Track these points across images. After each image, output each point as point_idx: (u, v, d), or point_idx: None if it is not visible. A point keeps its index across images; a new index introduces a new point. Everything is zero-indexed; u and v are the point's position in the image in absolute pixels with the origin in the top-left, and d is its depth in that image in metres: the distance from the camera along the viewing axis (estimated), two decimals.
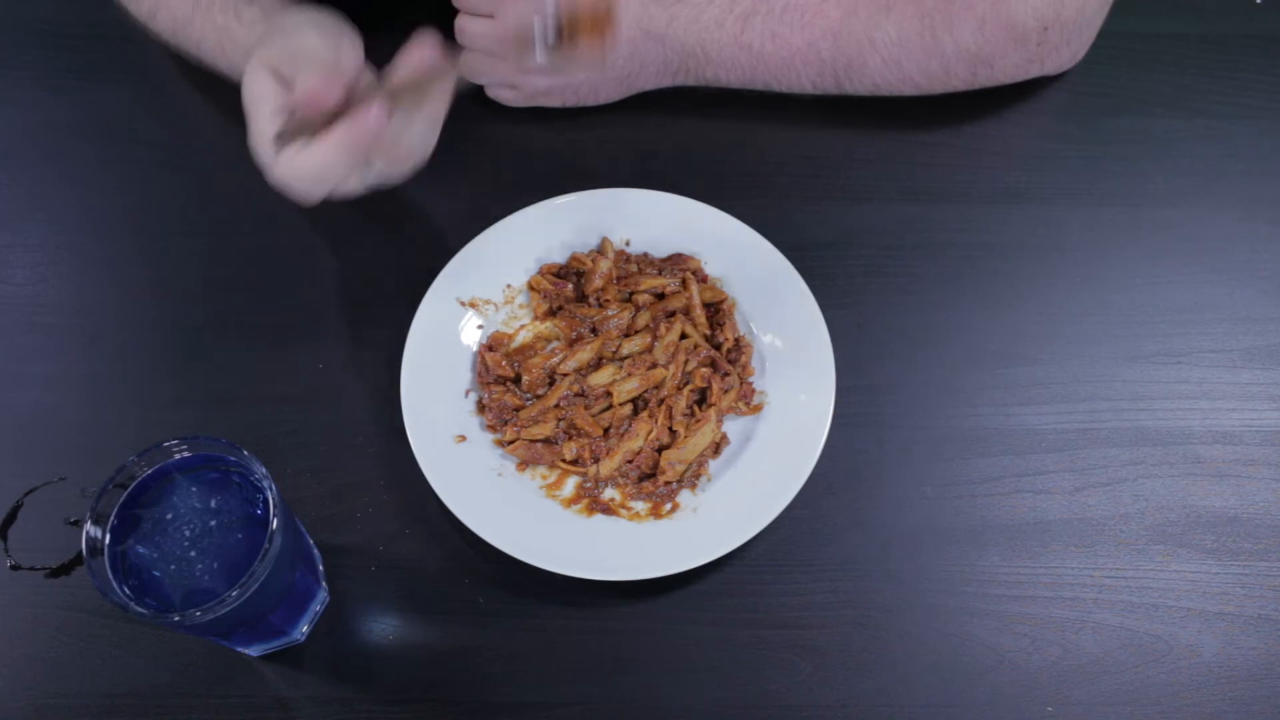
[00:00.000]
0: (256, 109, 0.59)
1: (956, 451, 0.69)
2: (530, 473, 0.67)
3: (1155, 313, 0.74)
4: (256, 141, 0.59)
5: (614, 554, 0.63)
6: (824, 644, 0.63)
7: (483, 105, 0.81)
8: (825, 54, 0.76)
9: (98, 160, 0.80)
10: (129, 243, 0.76)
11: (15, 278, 0.75)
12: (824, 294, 0.70)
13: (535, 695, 0.61)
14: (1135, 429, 0.70)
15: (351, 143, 0.56)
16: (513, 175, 0.79)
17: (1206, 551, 0.66)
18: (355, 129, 0.56)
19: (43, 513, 0.65)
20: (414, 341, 0.69)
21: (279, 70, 0.59)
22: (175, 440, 0.54)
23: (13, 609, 0.63)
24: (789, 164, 0.80)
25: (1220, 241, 0.77)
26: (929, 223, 0.77)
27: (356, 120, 0.56)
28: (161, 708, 0.61)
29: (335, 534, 0.66)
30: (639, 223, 0.75)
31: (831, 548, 0.66)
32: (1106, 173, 0.80)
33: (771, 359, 0.70)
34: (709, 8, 0.76)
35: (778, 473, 0.65)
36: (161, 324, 0.73)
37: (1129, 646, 0.63)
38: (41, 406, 0.70)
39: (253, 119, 0.59)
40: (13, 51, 0.84)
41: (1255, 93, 0.84)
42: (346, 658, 0.63)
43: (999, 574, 0.65)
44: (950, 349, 0.73)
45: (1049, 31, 0.75)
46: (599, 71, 0.69)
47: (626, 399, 0.68)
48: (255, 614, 0.55)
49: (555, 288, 0.72)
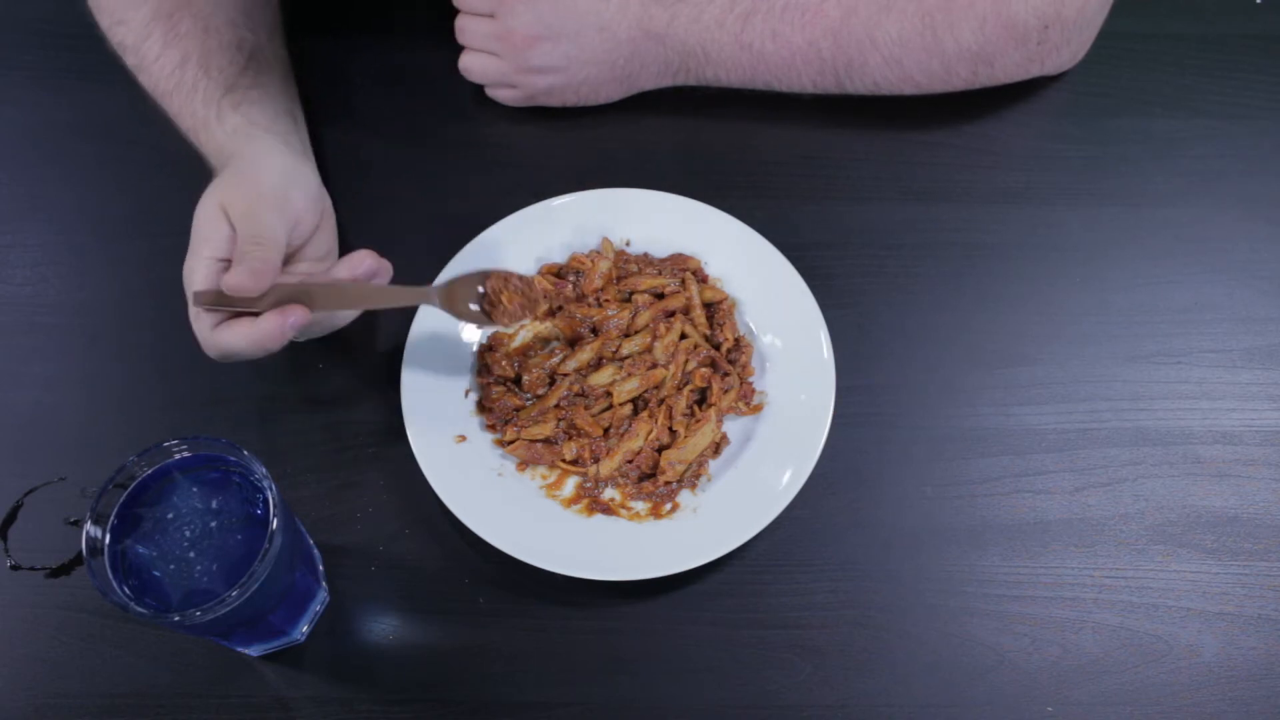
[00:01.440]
0: (198, 247, 0.62)
1: (956, 451, 0.69)
2: (530, 473, 0.67)
3: (1155, 313, 0.74)
4: (186, 275, 0.62)
5: (614, 554, 0.63)
6: (824, 644, 0.63)
7: (483, 105, 0.81)
8: (826, 53, 0.76)
9: (98, 160, 0.80)
10: (129, 243, 0.76)
11: (15, 278, 0.75)
12: (824, 294, 0.70)
13: (535, 695, 0.61)
14: (1135, 429, 0.70)
15: (263, 339, 0.59)
16: (513, 175, 0.79)
17: (1206, 551, 0.66)
18: (270, 330, 0.59)
19: (43, 513, 0.65)
20: (414, 341, 0.69)
21: (230, 217, 0.62)
22: (175, 440, 0.54)
23: (13, 609, 0.63)
24: (789, 164, 0.80)
25: (1220, 241, 0.77)
26: (929, 223, 0.77)
27: (272, 322, 0.59)
28: (161, 708, 0.61)
29: (335, 534, 0.66)
30: (639, 223, 0.75)
31: (831, 548, 0.66)
32: (1106, 173, 0.80)
33: (771, 359, 0.70)
34: (709, 7, 0.76)
35: (778, 473, 0.65)
36: (161, 324, 0.73)
37: (1129, 646, 0.63)
38: (41, 406, 0.70)
39: (192, 252, 0.62)
40: (13, 51, 0.84)
41: (1255, 93, 0.84)
42: (346, 658, 0.63)
43: (999, 574, 0.65)
44: (950, 349, 0.73)
45: (1049, 30, 0.75)
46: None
47: (626, 399, 0.68)
48: (255, 614, 0.55)
49: (555, 288, 0.72)
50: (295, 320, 0.59)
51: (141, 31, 0.72)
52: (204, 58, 0.72)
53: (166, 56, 0.72)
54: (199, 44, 0.72)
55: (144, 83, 0.74)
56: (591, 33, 0.75)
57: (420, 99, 0.82)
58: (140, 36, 0.72)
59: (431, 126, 0.81)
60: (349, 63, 0.83)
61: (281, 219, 0.63)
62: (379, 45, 0.84)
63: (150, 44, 0.72)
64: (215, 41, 0.72)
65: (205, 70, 0.71)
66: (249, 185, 0.64)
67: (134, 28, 0.72)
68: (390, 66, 0.84)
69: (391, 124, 0.81)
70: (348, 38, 0.84)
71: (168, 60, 0.72)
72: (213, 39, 0.72)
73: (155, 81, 0.73)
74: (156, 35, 0.72)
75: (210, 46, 0.72)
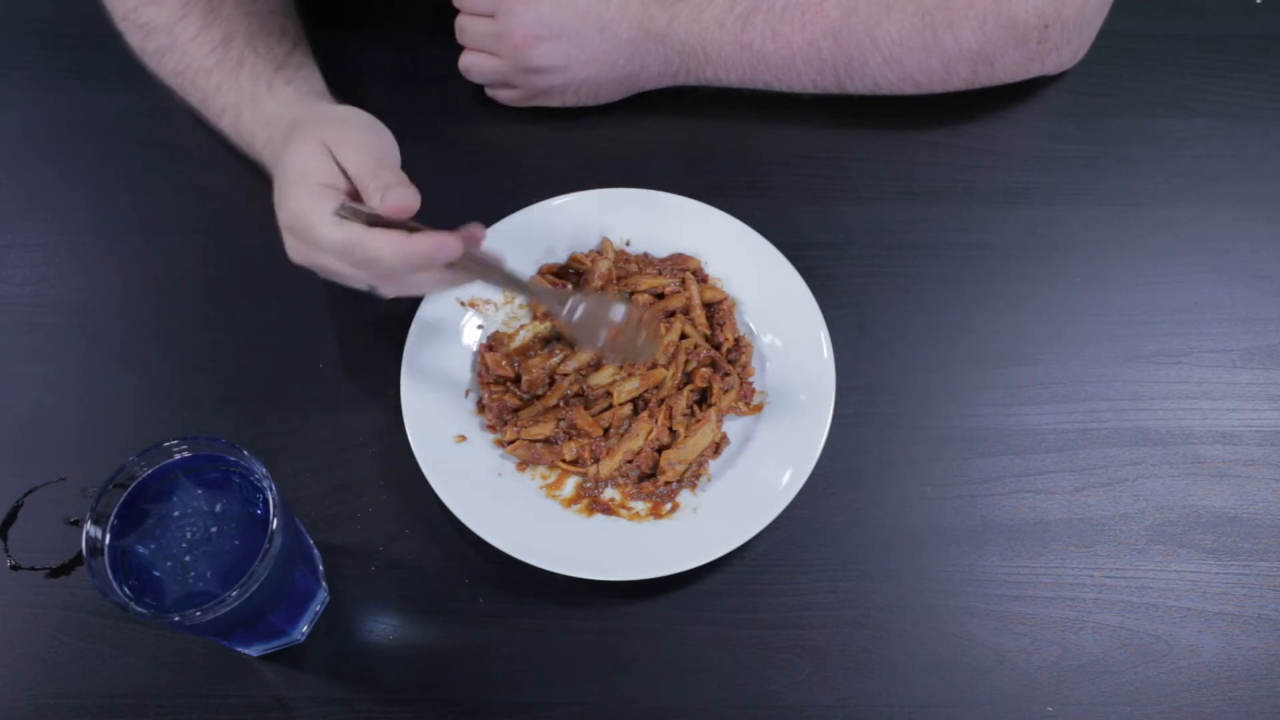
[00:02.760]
0: (303, 178, 0.60)
1: (956, 451, 0.69)
2: (530, 473, 0.67)
3: (1155, 313, 0.74)
4: (295, 206, 0.60)
5: (614, 554, 0.63)
6: (824, 644, 0.63)
7: (483, 105, 0.81)
8: (826, 53, 0.76)
9: (98, 160, 0.80)
10: (129, 243, 0.76)
11: (15, 278, 0.75)
12: (824, 294, 0.70)
13: (535, 695, 0.61)
14: (1135, 429, 0.70)
15: (413, 255, 0.59)
16: (513, 175, 0.79)
17: (1206, 551, 0.66)
18: (422, 248, 0.58)
19: (43, 513, 0.65)
20: (414, 341, 0.69)
21: (336, 152, 0.61)
22: (175, 440, 0.54)
23: (13, 609, 0.63)
24: (789, 164, 0.80)
25: (1220, 241, 0.77)
26: (929, 223, 0.77)
27: (428, 242, 0.59)
28: (161, 708, 0.61)
29: (335, 534, 0.66)
30: (639, 223, 0.75)
31: (831, 548, 0.66)
32: (1106, 173, 0.80)
33: (771, 359, 0.70)
34: (709, 8, 0.76)
35: (778, 473, 0.65)
36: (161, 324, 0.73)
37: (1129, 646, 0.63)
38: (41, 406, 0.70)
39: (295, 185, 0.61)
40: (13, 51, 0.84)
41: (1255, 93, 0.84)
42: (346, 658, 0.63)
43: (999, 574, 0.65)
44: (950, 349, 0.73)
45: (1050, 30, 0.75)
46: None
47: (626, 399, 0.68)
48: (255, 614, 0.55)
49: (555, 288, 0.72)
50: (449, 250, 0.59)
51: (177, 11, 0.71)
52: (250, 38, 0.72)
53: (207, 34, 0.71)
54: (243, 25, 0.72)
55: (169, 64, 0.73)
56: (591, 33, 0.75)
57: (420, 99, 0.82)
58: (175, 16, 0.72)
59: (431, 126, 0.81)
60: (349, 62, 0.83)
61: (390, 147, 0.63)
62: (379, 45, 0.84)
63: (187, 23, 0.71)
64: (259, 24, 0.72)
65: (253, 49, 0.71)
66: (344, 124, 0.64)
67: (168, 7, 0.72)
68: (390, 66, 0.84)
69: (391, 124, 0.81)
70: (348, 37, 0.84)
71: (208, 38, 0.71)
72: (256, 22, 0.72)
73: (190, 60, 0.72)
74: (195, 15, 0.71)
75: (255, 29, 0.72)
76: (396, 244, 0.59)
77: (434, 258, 0.59)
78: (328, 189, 0.60)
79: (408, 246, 0.58)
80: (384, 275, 0.61)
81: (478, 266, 0.62)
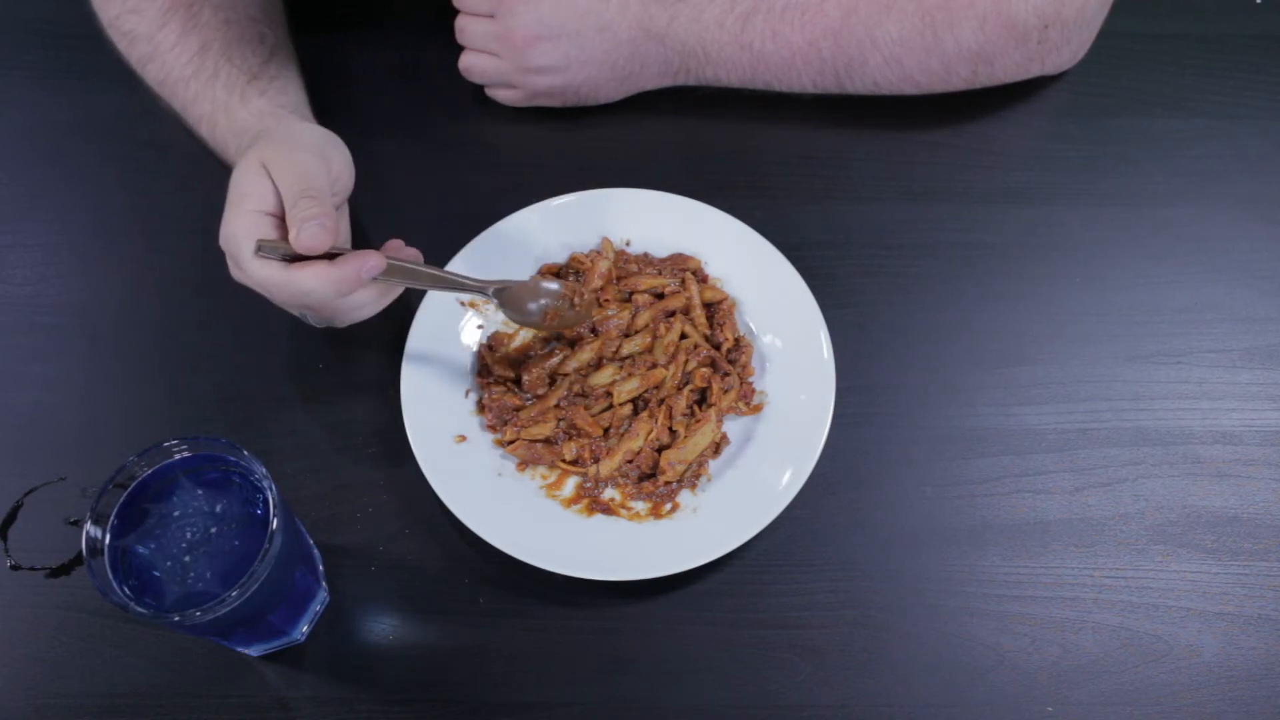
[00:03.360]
0: (240, 201, 0.61)
1: (956, 451, 0.69)
2: (530, 473, 0.67)
3: (1155, 313, 0.74)
4: (229, 230, 0.61)
5: (614, 554, 0.63)
6: (824, 644, 0.63)
7: (483, 105, 0.81)
8: (826, 53, 0.76)
9: (98, 160, 0.80)
10: (129, 243, 0.76)
11: (15, 278, 0.75)
12: (824, 294, 0.70)
13: (535, 695, 0.61)
14: (1135, 429, 0.70)
15: (340, 282, 0.59)
16: (513, 175, 0.79)
17: (1206, 551, 0.66)
18: (347, 273, 0.59)
19: (43, 513, 0.65)
20: (414, 341, 0.69)
21: (272, 174, 0.61)
22: (175, 440, 0.54)
23: (13, 609, 0.63)
24: (789, 164, 0.80)
25: (1220, 241, 0.77)
26: (929, 223, 0.77)
27: (351, 265, 0.59)
28: (161, 708, 0.61)
29: (335, 534, 0.66)
30: (639, 223, 0.75)
31: (831, 548, 0.66)
32: (1106, 173, 0.80)
33: (771, 359, 0.70)
34: (709, 7, 0.76)
35: (778, 473, 0.65)
36: (161, 324, 0.73)
37: (1129, 646, 0.63)
38: (41, 406, 0.70)
39: (233, 207, 0.61)
40: (13, 51, 0.84)
41: (1255, 93, 0.84)
42: (346, 658, 0.63)
43: (999, 574, 0.65)
44: (950, 349, 0.73)
45: (1050, 30, 0.75)
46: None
47: (626, 399, 0.68)
48: (255, 614, 0.55)
49: None
50: (372, 266, 0.59)
51: (157, 20, 0.72)
52: (226, 47, 0.72)
53: (185, 44, 0.72)
54: (220, 34, 0.72)
55: (151, 73, 0.73)
56: (591, 33, 0.75)
57: (420, 99, 0.82)
58: (155, 25, 0.72)
59: (431, 126, 0.81)
60: (349, 62, 0.83)
61: (325, 174, 0.63)
62: (379, 45, 0.84)
63: (166, 32, 0.72)
64: (236, 33, 0.72)
65: (228, 58, 0.71)
66: (289, 145, 0.64)
67: (149, 16, 0.72)
68: (390, 66, 0.84)
69: (391, 124, 0.81)
70: (347, 37, 0.84)
71: (186, 48, 0.71)
72: (234, 30, 0.72)
73: (169, 69, 0.72)
74: (174, 24, 0.72)
75: (232, 37, 0.72)
76: (321, 275, 0.59)
77: (360, 277, 0.59)
78: (260, 215, 0.60)
79: (333, 274, 0.59)
80: (316, 305, 0.61)
81: (400, 272, 0.63)
